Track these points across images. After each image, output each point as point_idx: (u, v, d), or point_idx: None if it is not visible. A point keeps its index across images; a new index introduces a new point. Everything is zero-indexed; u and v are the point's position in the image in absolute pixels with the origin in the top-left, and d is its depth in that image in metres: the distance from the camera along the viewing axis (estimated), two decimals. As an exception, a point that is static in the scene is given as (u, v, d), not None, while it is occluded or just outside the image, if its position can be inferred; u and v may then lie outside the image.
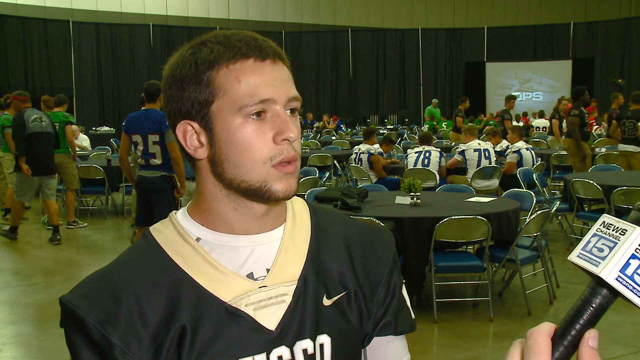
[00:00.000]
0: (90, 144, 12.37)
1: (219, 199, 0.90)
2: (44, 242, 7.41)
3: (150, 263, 0.88)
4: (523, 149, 8.13)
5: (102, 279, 0.88)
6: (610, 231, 0.62)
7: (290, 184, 0.87)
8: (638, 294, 0.59)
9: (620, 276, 0.60)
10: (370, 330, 0.97)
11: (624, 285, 0.60)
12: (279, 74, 0.88)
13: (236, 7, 23.23)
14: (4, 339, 4.34)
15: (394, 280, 0.99)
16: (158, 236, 0.92)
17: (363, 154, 8.28)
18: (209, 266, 0.87)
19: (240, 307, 0.86)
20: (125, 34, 20.73)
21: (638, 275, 0.60)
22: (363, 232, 1.02)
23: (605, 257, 0.61)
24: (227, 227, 0.91)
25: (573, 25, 23.41)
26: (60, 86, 19.25)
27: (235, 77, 0.85)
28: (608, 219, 0.64)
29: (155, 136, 5.20)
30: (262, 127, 0.85)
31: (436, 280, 4.49)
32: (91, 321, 0.82)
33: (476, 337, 4.24)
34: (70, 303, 0.84)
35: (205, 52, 0.87)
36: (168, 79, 0.90)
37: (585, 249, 0.63)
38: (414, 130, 18.71)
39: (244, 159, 0.85)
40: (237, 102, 0.84)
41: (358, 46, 24.09)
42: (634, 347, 4.00)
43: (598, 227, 0.64)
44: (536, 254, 4.80)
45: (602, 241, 0.62)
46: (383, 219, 4.34)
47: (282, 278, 0.89)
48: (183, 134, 0.89)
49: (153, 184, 5.24)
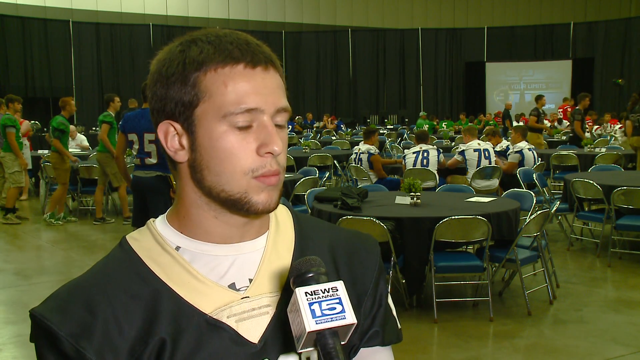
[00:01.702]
0: (90, 144, 12.35)
1: (197, 206, 0.86)
2: (44, 242, 7.42)
3: (127, 273, 0.84)
4: (525, 149, 8.12)
5: (76, 290, 0.83)
6: (324, 294, 0.73)
7: (271, 196, 0.84)
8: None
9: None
10: (357, 341, 0.93)
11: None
12: (270, 82, 0.83)
13: (236, 7, 23.23)
14: (4, 339, 4.33)
15: (380, 290, 0.96)
16: (135, 245, 0.87)
17: (363, 154, 8.27)
18: (189, 276, 0.84)
19: (222, 319, 0.82)
20: (125, 34, 20.75)
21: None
22: (348, 240, 0.98)
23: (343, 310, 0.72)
24: (207, 236, 0.87)
25: (573, 25, 23.42)
26: (60, 86, 19.27)
27: (222, 81, 0.81)
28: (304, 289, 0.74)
29: (151, 135, 5.18)
30: (246, 137, 0.81)
31: (436, 280, 4.49)
32: (64, 335, 0.78)
33: (476, 337, 4.24)
34: (42, 316, 0.80)
35: (195, 51, 0.82)
36: (154, 75, 0.86)
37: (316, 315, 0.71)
38: (414, 130, 18.71)
39: (225, 168, 0.81)
40: (223, 109, 0.80)
41: (358, 46, 24.09)
42: (634, 347, 4.00)
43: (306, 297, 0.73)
44: (536, 254, 4.80)
45: (326, 303, 0.72)
46: (383, 219, 4.34)
47: (265, 289, 0.86)
48: (165, 134, 0.85)
49: (148, 184, 5.22)
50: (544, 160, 8.84)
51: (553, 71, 23.33)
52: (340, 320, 0.71)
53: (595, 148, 9.88)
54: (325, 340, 0.71)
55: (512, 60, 23.86)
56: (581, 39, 23.27)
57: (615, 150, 10.01)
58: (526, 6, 26.14)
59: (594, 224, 6.92)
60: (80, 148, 11.46)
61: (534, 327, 4.41)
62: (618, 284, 5.47)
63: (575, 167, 9.06)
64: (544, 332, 4.32)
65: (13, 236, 7.78)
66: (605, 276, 5.67)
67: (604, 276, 5.66)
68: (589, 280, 5.45)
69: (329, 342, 0.71)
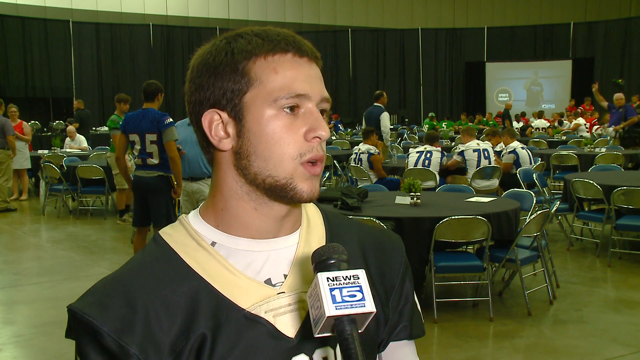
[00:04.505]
0: (89, 144, 12.34)
1: (238, 196, 0.87)
2: (44, 242, 7.42)
3: (164, 268, 0.84)
4: (518, 148, 8.13)
5: (115, 285, 0.84)
6: (345, 280, 0.73)
7: (314, 185, 0.86)
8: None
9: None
10: (386, 335, 0.96)
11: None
12: (315, 73, 0.87)
13: (236, 7, 23.23)
14: (4, 339, 4.33)
15: (406, 285, 0.99)
16: (170, 240, 0.88)
17: (363, 154, 8.27)
18: (226, 272, 0.85)
19: (260, 314, 0.83)
20: (125, 34, 20.74)
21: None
22: (375, 237, 1.00)
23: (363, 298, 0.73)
24: (244, 230, 0.88)
25: (573, 25, 23.42)
26: (60, 86, 19.27)
27: (273, 68, 0.84)
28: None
29: (152, 135, 5.18)
30: (294, 122, 0.84)
31: (436, 280, 4.49)
32: (106, 330, 0.78)
33: (476, 337, 4.24)
34: (82, 312, 0.80)
35: (242, 42, 0.85)
36: (198, 67, 0.87)
37: (337, 300, 0.72)
38: (414, 130, 18.71)
39: (273, 152, 0.83)
40: (273, 94, 0.83)
41: (358, 46, 24.09)
42: (634, 347, 4.00)
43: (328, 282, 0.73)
44: (536, 254, 4.80)
45: (346, 289, 0.73)
46: (383, 219, 4.34)
47: (299, 284, 0.87)
48: (209, 123, 0.86)
49: (150, 184, 5.23)
50: (544, 160, 8.84)
51: (553, 71, 23.32)
52: (360, 308, 0.71)
53: (595, 148, 9.88)
54: (343, 326, 0.71)
55: (512, 60, 23.86)
56: (581, 39, 23.26)
57: (615, 150, 10.01)
58: (526, 6, 26.14)
59: (594, 224, 6.93)
60: (81, 149, 11.45)
61: (534, 327, 4.41)
62: (618, 284, 5.47)
63: (575, 167, 9.06)
64: (544, 332, 4.32)
65: (13, 236, 7.78)
66: (605, 276, 5.66)
67: (604, 276, 5.66)
68: (589, 280, 5.45)
69: (347, 328, 0.71)
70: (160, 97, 5.39)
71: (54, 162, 9.34)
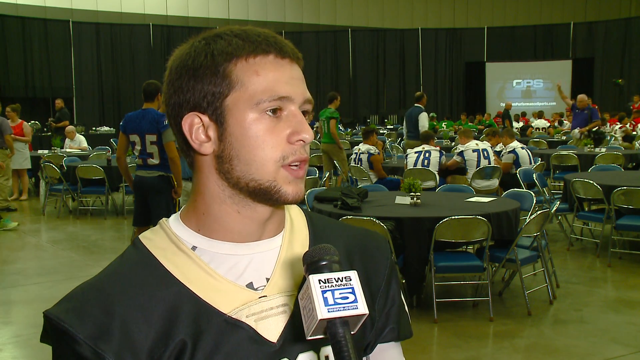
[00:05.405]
0: (89, 144, 12.33)
1: (220, 200, 0.85)
2: (44, 242, 7.42)
3: (143, 273, 0.83)
4: (518, 147, 8.14)
5: (92, 291, 0.82)
6: (337, 282, 0.72)
7: (299, 187, 0.84)
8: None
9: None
10: (373, 338, 0.95)
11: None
12: (297, 74, 0.86)
13: (236, 7, 23.23)
14: (4, 339, 4.33)
15: (393, 286, 0.97)
16: (149, 245, 0.86)
17: (363, 154, 8.27)
18: (207, 276, 0.83)
19: (241, 319, 0.82)
20: (125, 34, 20.74)
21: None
22: (360, 238, 0.99)
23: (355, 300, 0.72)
24: (226, 233, 0.86)
25: (573, 25, 23.42)
26: (60, 86, 19.27)
27: (254, 70, 0.82)
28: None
29: (152, 136, 5.19)
30: (277, 125, 0.82)
31: (436, 280, 4.49)
32: (82, 337, 0.77)
33: (476, 337, 4.24)
34: (58, 318, 0.78)
35: (222, 44, 0.83)
36: (177, 69, 0.85)
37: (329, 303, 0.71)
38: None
39: (256, 155, 0.81)
40: (255, 97, 0.81)
41: (358, 46, 24.09)
42: (634, 347, 4.00)
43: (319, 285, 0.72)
44: (536, 254, 4.80)
45: (338, 292, 0.72)
46: (383, 219, 4.34)
47: (282, 287, 0.86)
48: (189, 126, 0.84)
49: (150, 183, 5.24)
50: (544, 160, 8.84)
51: (553, 71, 23.31)
52: (353, 310, 0.71)
53: (595, 148, 9.88)
54: (335, 328, 0.71)
55: (512, 60, 23.86)
56: (581, 39, 23.27)
57: (615, 150, 10.01)
58: (526, 6, 26.13)
59: (594, 224, 6.93)
60: (80, 149, 11.45)
61: (534, 327, 4.41)
62: (618, 284, 5.47)
63: (575, 167, 9.06)
64: (544, 332, 4.32)
65: (13, 236, 7.77)
66: (605, 276, 5.67)
67: (604, 276, 5.66)
68: (589, 280, 5.45)
69: (339, 330, 0.71)
70: (160, 97, 5.39)
71: (54, 162, 9.34)
